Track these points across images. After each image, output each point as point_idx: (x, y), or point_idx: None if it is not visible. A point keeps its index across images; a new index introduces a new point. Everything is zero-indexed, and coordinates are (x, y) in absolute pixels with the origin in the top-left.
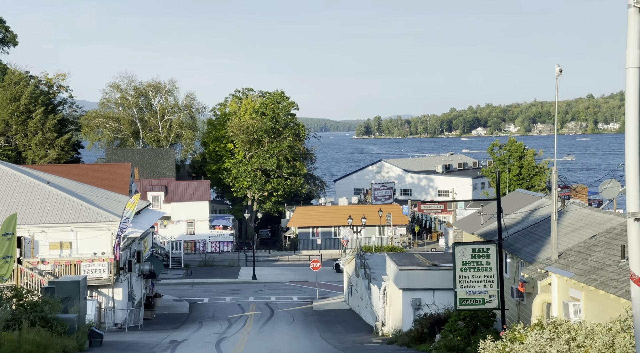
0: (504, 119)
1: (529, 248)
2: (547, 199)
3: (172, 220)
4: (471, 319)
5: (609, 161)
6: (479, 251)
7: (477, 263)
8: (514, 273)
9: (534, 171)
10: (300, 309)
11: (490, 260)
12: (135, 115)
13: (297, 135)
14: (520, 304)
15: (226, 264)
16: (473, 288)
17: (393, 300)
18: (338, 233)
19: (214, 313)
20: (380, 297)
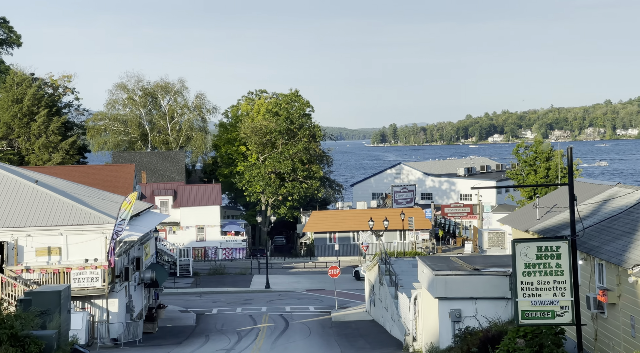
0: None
1: (610, 246)
2: (622, 188)
3: (181, 226)
4: (534, 336)
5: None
6: (547, 249)
7: (544, 265)
8: (587, 278)
9: (562, 173)
10: (317, 320)
11: (561, 262)
12: (143, 117)
13: (313, 136)
14: (599, 318)
15: (238, 272)
16: (539, 297)
17: (427, 311)
18: (357, 239)
19: (223, 326)
20: (410, 308)
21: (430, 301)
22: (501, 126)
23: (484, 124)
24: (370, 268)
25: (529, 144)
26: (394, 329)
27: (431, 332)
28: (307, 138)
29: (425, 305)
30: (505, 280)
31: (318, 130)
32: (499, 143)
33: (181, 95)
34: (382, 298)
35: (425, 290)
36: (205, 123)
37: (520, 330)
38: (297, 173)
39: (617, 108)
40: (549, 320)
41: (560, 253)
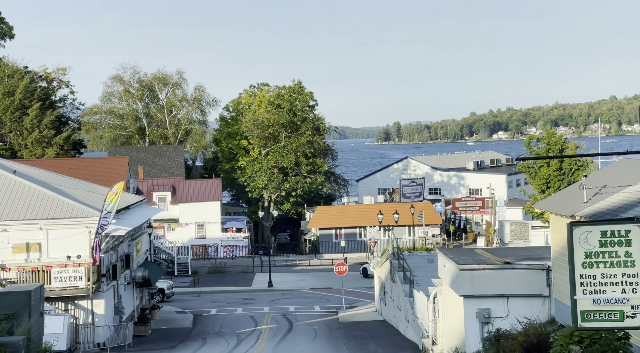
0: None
1: None
2: None
3: (180, 223)
4: (592, 342)
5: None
6: (613, 235)
7: (609, 255)
8: None
9: (576, 166)
10: (323, 321)
11: (631, 250)
12: (140, 110)
13: (317, 129)
14: None
15: (239, 270)
16: (604, 294)
17: (449, 311)
18: (363, 235)
19: (222, 328)
20: (428, 307)
21: (454, 299)
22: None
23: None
24: (381, 264)
25: (541, 137)
26: (409, 330)
27: (455, 334)
28: (311, 131)
29: (448, 303)
30: (541, 275)
31: (322, 123)
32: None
33: (179, 87)
34: (394, 296)
35: (447, 286)
36: (205, 116)
37: (575, 334)
38: (301, 168)
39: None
40: (616, 322)
41: (630, 239)
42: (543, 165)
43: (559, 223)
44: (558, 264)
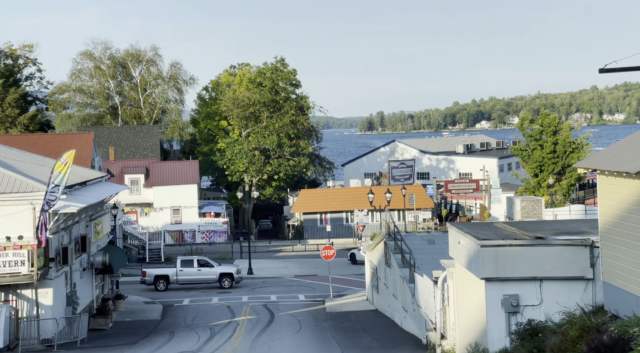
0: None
1: None
2: None
3: (154, 207)
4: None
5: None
6: None
7: None
8: None
9: (570, 148)
10: (309, 311)
11: None
12: (112, 88)
13: (300, 109)
14: None
15: (217, 257)
16: None
17: (464, 298)
18: (350, 219)
19: (194, 320)
20: (436, 294)
21: (471, 284)
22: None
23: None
24: (372, 247)
25: (534, 118)
26: (407, 322)
27: (472, 326)
28: (294, 111)
29: (462, 289)
30: (583, 253)
31: (306, 102)
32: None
33: (154, 64)
34: (389, 283)
35: (461, 268)
36: (181, 95)
37: None
38: (284, 149)
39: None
40: None
41: None
42: (536, 148)
43: (614, 184)
44: (610, 238)
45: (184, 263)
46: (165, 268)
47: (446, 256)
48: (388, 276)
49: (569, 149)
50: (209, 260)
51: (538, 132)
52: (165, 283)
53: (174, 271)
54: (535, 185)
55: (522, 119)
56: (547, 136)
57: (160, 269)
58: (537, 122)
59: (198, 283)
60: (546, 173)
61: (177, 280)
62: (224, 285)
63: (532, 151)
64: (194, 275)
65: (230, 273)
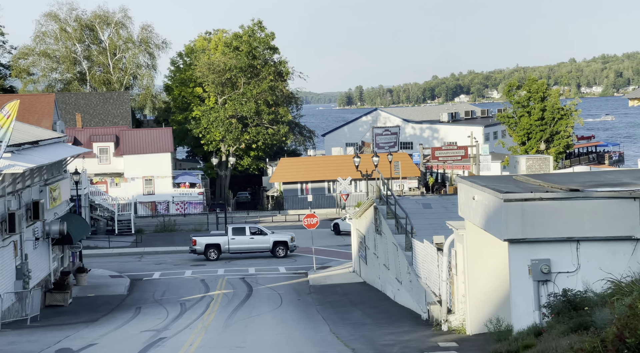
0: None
1: None
2: None
3: (125, 177)
4: None
5: None
6: None
7: None
8: None
9: (559, 114)
10: (290, 285)
11: None
12: (79, 53)
13: (279, 74)
14: None
15: (191, 228)
16: None
17: (480, 265)
18: (332, 189)
19: (164, 294)
20: (441, 262)
21: (488, 248)
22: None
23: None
24: (360, 214)
25: (522, 84)
26: (402, 294)
27: (489, 299)
28: (273, 76)
29: (476, 255)
30: (632, 207)
31: (285, 67)
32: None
33: (124, 27)
34: (379, 252)
35: (475, 230)
36: (153, 60)
37: None
38: (262, 117)
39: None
40: None
41: None
42: (524, 115)
43: None
44: None
45: (236, 231)
46: (217, 236)
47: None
48: (378, 245)
49: (557, 115)
50: (262, 228)
51: (525, 98)
52: (216, 252)
53: (225, 239)
54: (522, 153)
55: (509, 85)
56: (534, 103)
57: (211, 238)
58: (524, 88)
59: (250, 252)
60: (534, 140)
61: (228, 249)
62: (278, 254)
63: (520, 118)
64: (247, 243)
65: (284, 241)
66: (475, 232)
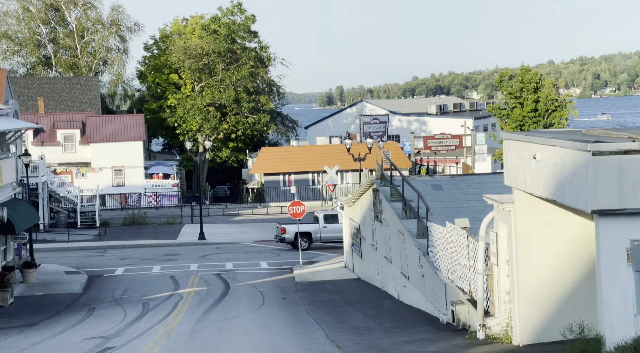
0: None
1: None
2: None
3: (92, 167)
4: None
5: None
6: None
7: None
8: None
9: (552, 106)
10: (273, 281)
11: None
12: (43, 35)
13: (260, 60)
14: None
15: (163, 221)
16: None
17: (538, 250)
18: (317, 181)
19: (125, 293)
20: (474, 248)
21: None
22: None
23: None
24: (354, 200)
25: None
26: (409, 292)
27: (556, 297)
28: (254, 62)
29: (532, 236)
30: None
31: (266, 52)
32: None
33: (93, 7)
34: (378, 243)
35: (532, 203)
36: (125, 44)
37: None
38: (242, 105)
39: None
40: None
41: None
42: (516, 106)
43: None
44: None
45: (328, 219)
46: (308, 224)
47: (460, 203)
48: (378, 235)
49: (551, 107)
50: None
51: (518, 89)
52: (307, 241)
53: (316, 227)
54: None
55: (500, 75)
56: (527, 94)
57: (301, 225)
58: (517, 78)
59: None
60: None
61: (320, 238)
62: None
63: (512, 110)
64: (340, 232)
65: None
66: (532, 205)
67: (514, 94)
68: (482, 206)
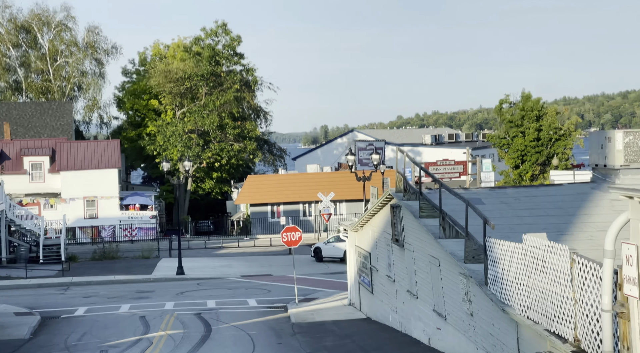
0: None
1: None
2: None
3: (62, 198)
4: None
5: None
6: None
7: None
8: None
9: (556, 135)
10: (265, 322)
11: None
12: (13, 57)
13: (246, 84)
14: None
15: (138, 255)
16: None
17: None
18: (308, 212)
19: (82, 338)
20: (586, 273)
21: None
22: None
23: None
24: (362, 223)
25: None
26: (448, 335)
27: None
28: (239, 86)
29: None
30: None
31: (253, 75)
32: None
33: (67, 29)
34: (398, 273)
35: None
36: (102, 68)
37: None
38: (227, 132)
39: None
40: None
41: None
42: (517, 135)
43: None
44: None
45: None
46: None
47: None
48: (397, 263)
49: (554, 136)
50: None
51: (519, 117)
52: None
53: None
54: (516, 178)
55: (501, 103)
56: (529, 122)
57: None
58: (517, 106)
59: None
60: (529, 163)
61: None
62: None
63: (513, 139)
64: None
65: None
66: None
67: (515, 122)
68: (541, 222)
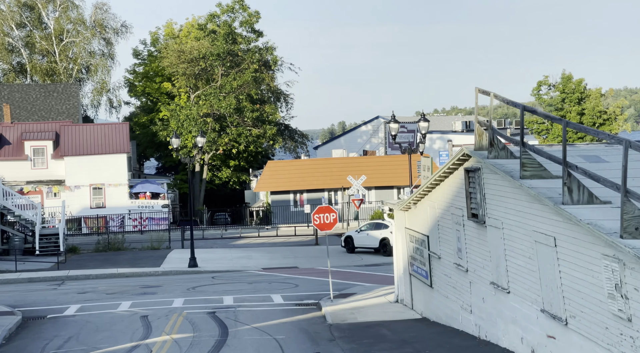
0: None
1: None
2: None
3: (66, 185)
4: None
5: None
6: None
7: None
8: None
9: (600, 119)
10: (294, 323)
11: None
12: (16, 37)
13: (265, 64)
14: None
15: (146, 246)
16: None
17: None
18: (334, 200)
19: (66, 343)
20: None
21: None
22: None
23: None
24: (415, 200)
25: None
26: (572, 348)
27: None
28: (257, 66)
29: None
30: None
31: (272, 54)
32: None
33: (73, 6)
34: (473, 260)
35: None
36: (111, 48)
37: None
38: (245, 115)
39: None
40: None
41: None
42: None
43: None
44: None
45: None
46: None
47: None
48: (473, 246)
49: (598, 120)
50: None
51: (559, 100)
52: None
53: None
54: None
55: (539, 84)
56: (570, 105)
57: None
58: (557, 88)
59: None
60: None
61: None
62: None
63: (552, 124)
64: None
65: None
66: None
67: (555, 105)
68: None
